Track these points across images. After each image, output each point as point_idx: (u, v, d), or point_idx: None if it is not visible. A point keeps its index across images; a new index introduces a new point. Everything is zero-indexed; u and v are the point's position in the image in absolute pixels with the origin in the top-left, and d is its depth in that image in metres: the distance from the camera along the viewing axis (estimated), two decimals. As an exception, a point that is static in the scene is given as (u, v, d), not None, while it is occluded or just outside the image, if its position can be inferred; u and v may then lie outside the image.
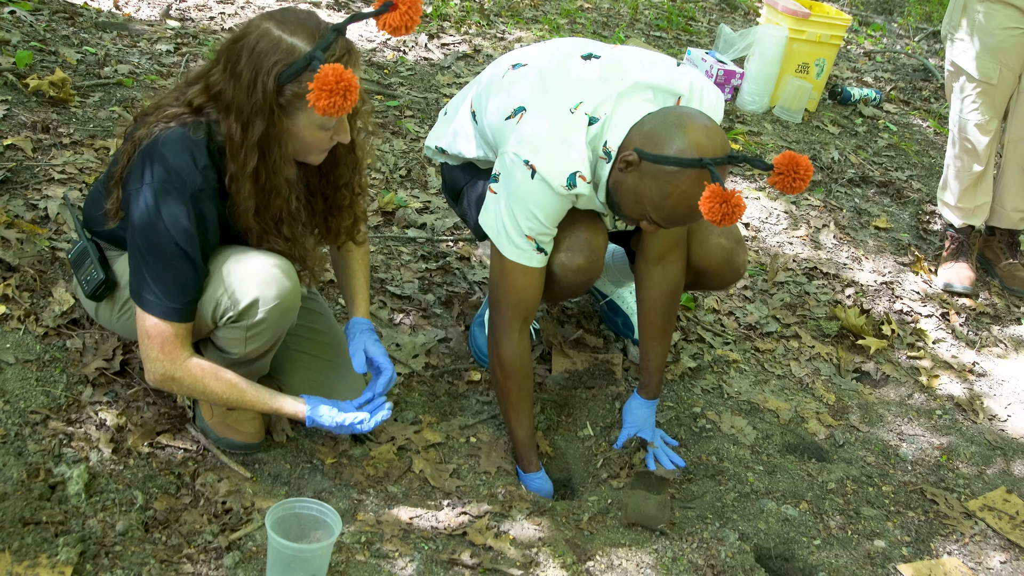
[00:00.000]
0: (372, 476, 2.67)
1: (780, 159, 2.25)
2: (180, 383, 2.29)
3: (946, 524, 2.99)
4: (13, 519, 2.13)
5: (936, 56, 7.84)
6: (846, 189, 5.08)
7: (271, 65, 2.11)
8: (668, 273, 2.89)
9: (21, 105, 3.62)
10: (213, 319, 2.31)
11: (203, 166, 2.20)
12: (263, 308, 2.28)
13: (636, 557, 2.61)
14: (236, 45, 2.17)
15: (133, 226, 2.21)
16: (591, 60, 2.64)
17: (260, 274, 2.27)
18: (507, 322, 2.73)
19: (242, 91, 2.15)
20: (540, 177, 2.48)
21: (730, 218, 2.18)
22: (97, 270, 2.40)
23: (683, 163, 2.31)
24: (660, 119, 2.41)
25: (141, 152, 2.20)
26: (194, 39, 4.75)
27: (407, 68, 5.21)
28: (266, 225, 2.33)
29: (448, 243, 3.83)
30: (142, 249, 2.20)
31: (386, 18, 2.09)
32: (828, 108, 6.12)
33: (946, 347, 4.00)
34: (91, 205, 2.46)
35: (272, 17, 2.17)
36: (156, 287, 2.20)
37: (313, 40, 2.13)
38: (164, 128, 2.20)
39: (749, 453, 3.08)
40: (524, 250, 2.61)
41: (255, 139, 2.18)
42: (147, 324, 2.23)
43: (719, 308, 3.88)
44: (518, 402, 2.82)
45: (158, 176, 2.16)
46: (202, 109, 2.23)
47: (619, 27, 6.73)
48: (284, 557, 2.13)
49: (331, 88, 1.95)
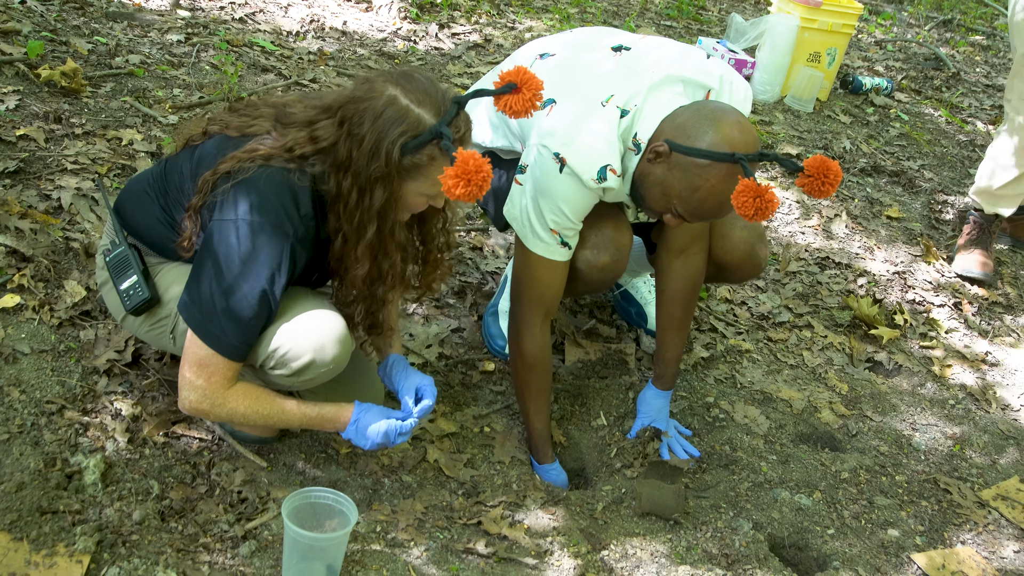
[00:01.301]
0: (387, 466, 2.67)
1: (811, 162, 2.22)
2: (217, 413, 2.24)
3: (959, 513, 2.98)
4: (31, 508, 2.13)
5: (947, 45, 7.81)
6: (858, 179, 5.07)
7: (397, 135, 2.08)
8: (690, 265, 2.89)
9: (33, 95, 3.62)
10: (263, 365, 2.28)
11: (304, 214, 2.17)
12: (318, 370, 2.25)
13: (650, 546, 2.61)
14: (358, 106, 2.12)
15: (216, 256, 2.13)
16: (620, 52, 2.63)
17: (317, 338, 2.22)
18: (529, 316, 2.73)
19: (363, 156, 2.11)
20: (570, 170, 2.47)
21: (763, 213, 2.17)
22: (143, 287, 2.32)
23: (715, 156, 2.29)
24: (693, 112, 2.39)
25: (237, 185, 2.13)
26: (204, 29, 4.74)
27: (418, 58, 5.20)
28: (364, 291, 2.32)
29: (461, 233, 3.83)
30: (222, 283, 2.12)
31: (508, 99, 2.09)
32: (839, 97, 6.10)
33: (959, 337, 3.99)
34: (136, 209, 2.38)
35: (398, 83, 2.12)
36: (226, 324, 2.13)
37: (439, 112, 2.11)
38: (263, 167, 2.15)
39: (762, 443, 3.08)
40: (548, 244, 2.61)
41: (376, 207, 2.17)
42: (202, 354, 2.17)
43: (732, 298, 3.87)
44: (537, 394, 2.82)
45: (260, 215, 2.11)
46: (306, 158, 2.19)
47: (629, 16, 6.71)
48: (300, 546, 2.13)
49: (470, 178, 1.93)
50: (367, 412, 2.35)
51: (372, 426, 2.33)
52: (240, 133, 2.27)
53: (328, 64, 4.79)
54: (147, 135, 3.63)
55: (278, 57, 4.71)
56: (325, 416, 2.34)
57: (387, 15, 5.67)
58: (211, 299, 2.13)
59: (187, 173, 2.28)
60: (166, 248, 2.33)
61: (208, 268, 2.14)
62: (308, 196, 2.17)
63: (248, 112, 2.34)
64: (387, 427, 2.33)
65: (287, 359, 2.22)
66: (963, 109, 6.49)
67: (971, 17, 8.89)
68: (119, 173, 3.36)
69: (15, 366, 2.50)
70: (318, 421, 2.34)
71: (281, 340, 2.21)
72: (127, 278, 2.34)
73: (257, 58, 4.60)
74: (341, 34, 5.25)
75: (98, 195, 3.16)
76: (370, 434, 2.33)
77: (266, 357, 2.24)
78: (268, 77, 4.44)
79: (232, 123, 2.30)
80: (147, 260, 2.39)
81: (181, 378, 2.21)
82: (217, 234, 2.13)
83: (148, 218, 2.35)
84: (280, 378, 2.28)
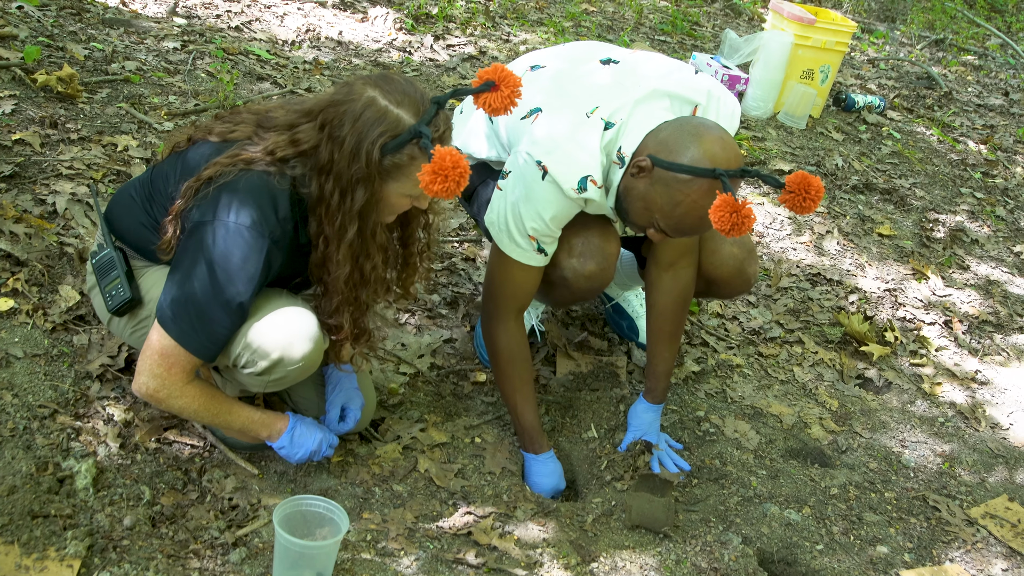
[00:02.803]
0: (378, 475, 2.68)
1: (792, 178, 2.23)
2: (169, 404, 2.27)
3: (948, 531, 2.99)
4: (22, 512, 2.13)
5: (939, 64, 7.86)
6: (850, 196, 5.09)
7: (376, 136, 2.12)
8: (679, 279, 2.90)
9: (29, 100, 3.62)
10: (234, 363, 2.30)
11: (283, 216, 2.19)
12: (284, 368, 2.27)
13: (640, 559, 2.62)
14: (338, 109, 2.16)
15: (192, 256, 2.16)
16: (609, 65, 2.64)
17: (286, 335, 2.25)
18: (502, 312, 2.76)
19: (344, 157, 2.14)
20: (551, 178, 2.49)
21: (739, 229, 2.18)
22: (124, 287, 2.35)
23: (696, 172, 2.31)
24: (676, 127, 2.41)
25: (218, 188, 2.16)
26: (201, 36, 4.75)
27: (412, 69, 5.21)
28: (348, 295, 2.34)
29: (453, 244, 3.84)
30: (195, 281, 2.15)
31: (487, 97, 2.11)
32: (832, 115, 6.13)
33: (949, 355, 4.00)
34: (122, 213, 2.42)
35: (377, 86, 2.16)
36: (196, 321, 2.16)
37: (417, 113, 2.14)
38: (244, 171, 2.18)
39: (752, 457, 3.09)
40: (525, 249, 2.62)
41: (357, 208, 2.20)
42: (165, 344, 2.19)
43: (723, 312, 3.89)
44: (521, 386, 2.83)
45: (236, 216, 2.14)
46: (286, 161, 2.21)
47: (624, 31, 6.74)
48: (291, 554, 2.13)
49: (447, 173, 1.95)
50: (301, 423, 2.45)
51: (305, 438, 2.44)
52: (222, 139, 2.30)
53: (323, 74, 4.80)
54: (142, 141, 3.63)
55: (274, 66, 4.72)
56: (264, 421, 2.41)
57: (383, 26, 5.68)
58: (183, 297, 2.16)
59: (172, 178, 2.31)
60: (150, 251, 2.36)
61: (183, 267, 2.18)
62: (287, 199, 2.20)
63: (231, 119, 2.38)
64: (318, 441, 2.45)
65: (255, 357, 2.25)
66: (955, 128, 6.53)
67: (963, 37, 8.95)
68: (114, 179, 3.36)
69: (8, 370, 2.50)
70: (258, 424, 2.41)
71: (251, 338, 2.24)
72: (111, 279, 2.39)
73: (253, 66, 4.61)
74: (337, 44, 5.26)
75: (93, 200, 3.16)
76: (302, 446, 2.43)
77: (236, 356, 2.26)
78: (264, 86, 4.44)
79: (215, 129, 2.34)
80: (133, 263, 2.43)
81: (142, 361, 2.23)
82: (195, 235, 2.17)
83: (133, 222, 2.38)
84: (251, 377, 2.31)
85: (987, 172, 5.87)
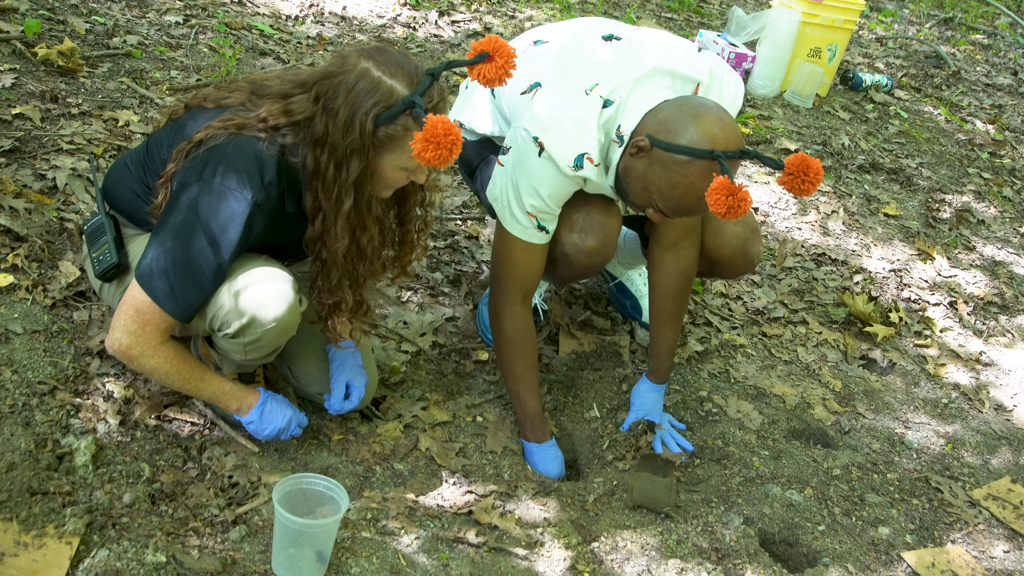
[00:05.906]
0: (378, 453, 2.67)
1: (792, 160, 2.22)
2: (141, 363, 2.26)
3: (950, 513, 2.99)
4: (21, 489, 2.12)
5: (947, 43, 7.80)
6: (856, 175, 5.06)
7: (370, 107, 2.12)
8: (681, 259, 2.88)
9: (29, 74, 3.60)
10: (211, 327, 2.30)
11: (268, 181, 2.18)
12: (259, 329, 2.26)
13: (641, 539, 2.61)
14: (332, 80, 2.16)
15: (175, 216, 2.16)
16: (612, 41, 2.61)
17: (260, 296, 2.24)
18: (508, 295, 2.74)
19: (337, 129, 2.14)
20: (548, 155, 2.46)
21: (735, 212, 2.16)
22: (111, 252, 2.37)
23: (694, 153, 2.28)
24: (676, 107, 2.38)
25: (207, 151, 2.16)
26: (203, 11, 4.71)
27: (417, 45, 5.18)
28: (347, 268, 2.34)
29: (456, 221, 3.82)
30: (176, 241, 2.15)
31: (481, 68, 2.10)
32: (839, 93, 6.08)
33: (953, 336, 3.99)
34: (116, 182, 2.42)
35: (371, 57, 2.16)
36: (174, 280, 2.16)
37: (411, 84, 2.14)
38: (234, 135, 2.18)
39: (755, 438, 3.08)
40: (526, 227, 2.61)
41: (352, 179, 2.19)
42: (141, 301, 2.19)
43: (727, 292, 3.87)
44: (525, 372, 2.82)
45: (222, 179, 2.14)
46: (278, 129, 2.21)
47: (630, 7, 6.69)
48: (291, 532, 2.13)
49: (439, 141, 1.94)
50: (272, 400, 2.46)
51: (274, 415, 2.44)
52: (217, 105, 2.31)
53: (327, 49, 4.77)
54: (144, 116, 3.61)
55: (276, 41, 4.69)
56: (235, 393, 2.42)
57: (387, 1, 5.64)
58: (163, 255, 2.17)
59: (166, 145, 2.31)
60: (142, 219, 2.35)
61: (166, 227, 2.18)
62: (274, 165, 2.19)
63: (226, 87, 2.38)
64: (288, 419, 2.46)
65: (229, 318, 2.25)
66: (963, 108, 6.49)
67: (972, 16, 8.88)
68: (115, 154, 3.35)
69: (7, 346, 2.49)
70: (228, 396, 2.41)
71: (224, 298, 2.24)
72: (100, 245, 2.40)
73: (256, 41, 4.57)
74: (340, 19, 5.23)
75: (92, 175, 3.15)
76: (271, 422, 2.43)
77: (212, 317, 2.26)
78: (266, 61, 4.41)
79: (210, 96, 2.35)
80: (125, 232, 2.43)
81: (117, 317, 2.23)
82: (180, 196, 2.17)
83: (126, 191, 2.38)
84: (227, 341, 2.31)
85: (994, 152, 5.84)
